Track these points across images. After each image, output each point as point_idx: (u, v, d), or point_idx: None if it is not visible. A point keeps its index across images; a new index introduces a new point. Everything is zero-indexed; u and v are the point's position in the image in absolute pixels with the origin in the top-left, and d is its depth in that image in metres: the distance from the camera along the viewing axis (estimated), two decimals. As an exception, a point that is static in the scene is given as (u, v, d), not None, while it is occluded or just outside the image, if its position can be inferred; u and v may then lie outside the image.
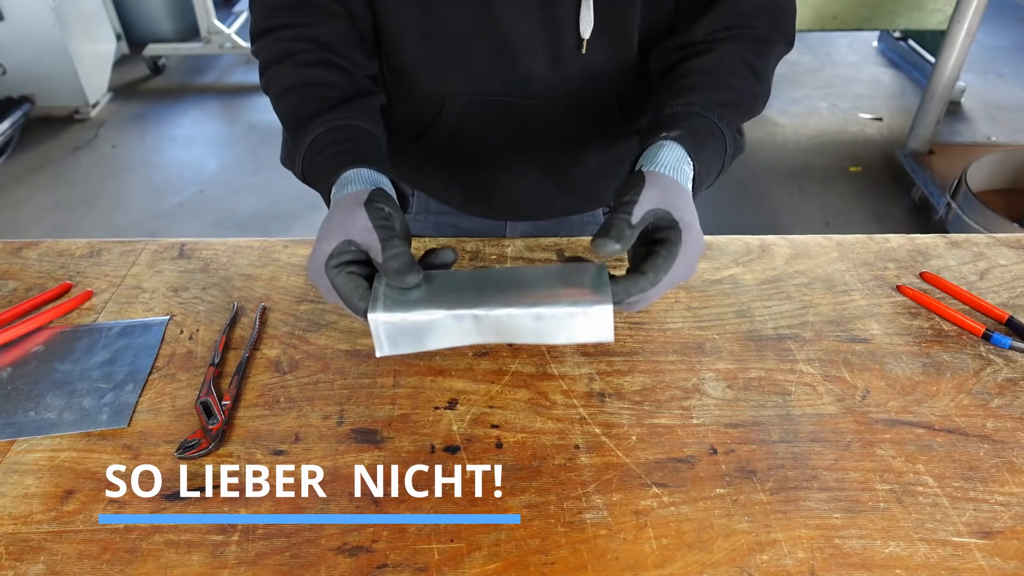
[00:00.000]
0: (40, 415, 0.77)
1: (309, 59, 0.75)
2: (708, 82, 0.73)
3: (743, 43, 0.78)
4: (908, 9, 3.60)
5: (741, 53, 0.77)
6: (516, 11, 0.76)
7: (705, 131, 0.69)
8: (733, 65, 0.76)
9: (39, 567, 0.63)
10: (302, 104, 0.74)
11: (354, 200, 0.65)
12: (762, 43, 0.78)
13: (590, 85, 0.85)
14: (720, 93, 0.73)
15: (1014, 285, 0.95)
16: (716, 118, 0.70)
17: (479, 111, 0.87)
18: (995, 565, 0.63)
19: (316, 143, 0.71)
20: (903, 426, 0.75)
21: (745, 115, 0.77)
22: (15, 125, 3.36)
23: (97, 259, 1.00)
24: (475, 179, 0.99)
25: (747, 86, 0.77)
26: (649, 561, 0.63)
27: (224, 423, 0.75)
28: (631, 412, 0.77)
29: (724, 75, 0.75)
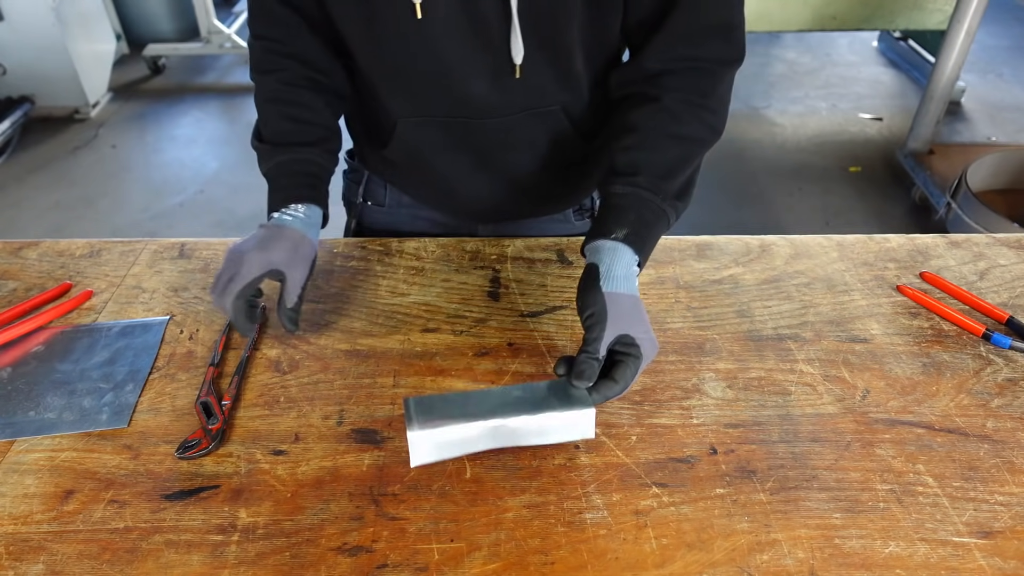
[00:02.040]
0: (40, 415, 0.77)
1: (292, 77, 0.88)
2: (653, 146, 0.79)
3: (692, 79, 0.80)
4: (908, 9, 3.60)
5: (688, 95, 0.80)
6: (452, 37, 0.79)
7: (652, 217, 0.77)
8: (681, 115, 0.79)
9: (39, 567, 0.63)
10: (282, 121, 0.88)
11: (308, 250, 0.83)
12: (711, 75, 0.80)
13: (534, 103, 0.87)
14: (665, 157, 0.79)
15: (1014, 285, 0.95)
16: (660, 200, 0.77)
17: (430, 130, 0.90)
18: (995, 565, 0.63)
19: (283, 166, 0.86)
20: (903, 426, 0.75)
21: (692, 164, 0.81)
22: (15, 125, 3.36)
23: (97, 259, 1.00)
24: (437, 188, 1.02)
25: (695, 131, 0.81)
26: (649, 561, 0.63)
27: (224, 423, 0.75)
28: (631, 412, 0.77)
29: (670, 131, 0.79)
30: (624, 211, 0.76)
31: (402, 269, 0.98)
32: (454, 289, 0.94)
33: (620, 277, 0.73)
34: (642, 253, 0.76)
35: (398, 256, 1.00)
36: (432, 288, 0.94)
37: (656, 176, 0.77)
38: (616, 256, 0.74)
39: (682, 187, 0.80)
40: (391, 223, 1.09)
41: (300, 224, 0.83)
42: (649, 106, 0.80)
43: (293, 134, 0.87)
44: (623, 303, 0.72)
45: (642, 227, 0.76)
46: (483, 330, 0.88)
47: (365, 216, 1.10)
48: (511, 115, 0.87)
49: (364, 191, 1.08)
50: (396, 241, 1.03)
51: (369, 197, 1.08)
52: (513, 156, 0.93)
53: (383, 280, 0.96)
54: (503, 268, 0.98)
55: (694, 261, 0.99)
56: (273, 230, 0.82)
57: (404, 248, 1.02)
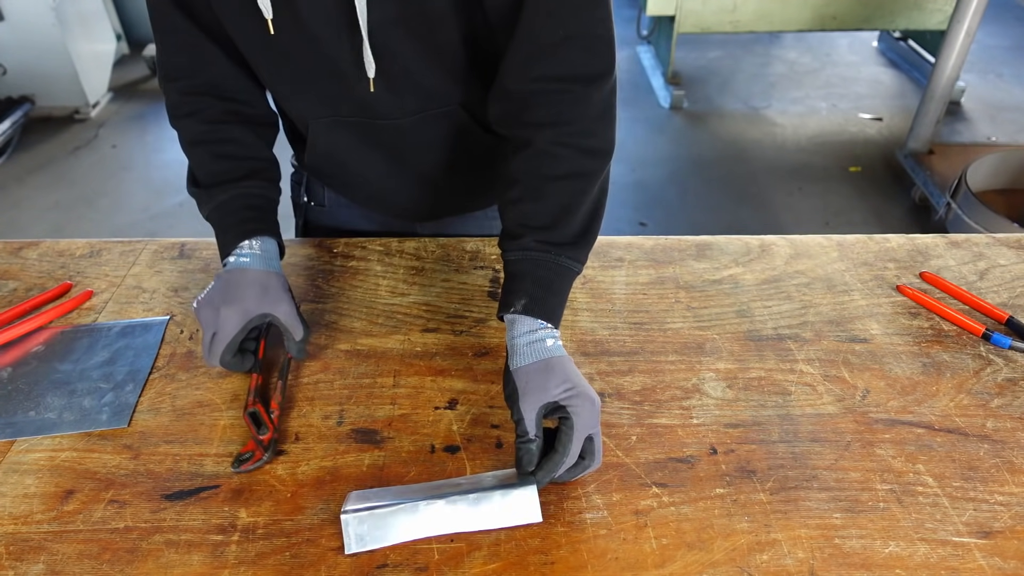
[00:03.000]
0: (40, 415, 0.77)
1: (212, 115, 0.85)
2: (535, 196, 0.75)
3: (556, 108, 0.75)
4: (908, 9, 3.60)
5: (558, 131, 0.75)
6: (335, 43, 0.77)
7: (549, 275, 0.74)
8: (556, 154, 0.75)
9: (39, 567, 0.63)
10: (213, 161, 0.85)
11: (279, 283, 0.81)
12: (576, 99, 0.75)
13: (431, 105, 0.85)
14: (549, 205, 0.75)
15: (1014, 285, 0.95)
16: (554, 256, 0.74)
17: (341, 131, 0.89)
18: (995, 565, 0.63)
19: (225, 205, 0.84)
20: (903, 426, 0.75)
21: (585, 200, 0.77)
22: (15, 125, 3.36)
23: (97, 259, 1.00)
24: (360, 188, 1.01)
25: (575, 166, 0.75)
26: (649, 561, 0.63)
27: (275, 431, 0.74)
28: (631, 412, 0.77)
29: (548, 174, 0.75)
30: (519, 278, 0.74)
31: (402, 269, 0.98)
32: (454, 289, 0.94)
33: (522, 348, 0.70)
34: (549, 315, 0.73)
35: (398, 256, 1.00)
36: (432, 288, 0.94)
37: (544, 229, 0.74)
38: (516, 328, 0.72)
39: (581, 228, 0.77)
40: (335, 222, 1.09)
41: (259, 262, 0.81)
42: (523, 152, 0.76)
43: (227, 172, 0.85)
44: (530, 374, 0.69)
45: (539, 290, 0.73)
46: (483, 330, 0.88)
47: (311, 216, 1.11)
48: (408, 117, 0.85)
49: (306, 192, 1.08)
50: (396, 241, 1.03)
51: (311, 197, 1.08)
52: (423, 155, 0.92)
53: (383, 280, 0.96)
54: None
55: (694, 261, 0.99)
56: (234, 276, 0.79)
57: (404, 248, 1.02)
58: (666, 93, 3.79)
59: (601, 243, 1.02)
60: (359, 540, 0.64)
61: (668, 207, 3.00)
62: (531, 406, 0.67)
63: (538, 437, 0.67)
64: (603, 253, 1.00)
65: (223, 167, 0.85)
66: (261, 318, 0.78)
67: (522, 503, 0.65)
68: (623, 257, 1.00)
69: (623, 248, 1.01)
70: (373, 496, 0.67)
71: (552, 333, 0.72)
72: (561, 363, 0.70)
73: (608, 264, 0.98)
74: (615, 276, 0.96)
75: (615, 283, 0.95)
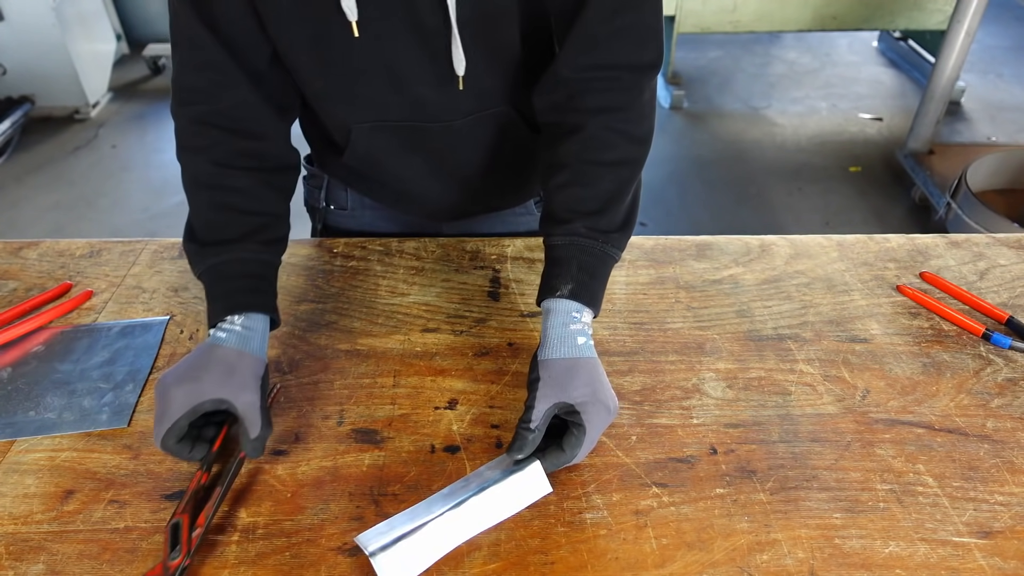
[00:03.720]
0: (40, 415, 0.77)
1: (223, 155, 0.78)
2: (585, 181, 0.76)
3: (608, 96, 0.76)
4: (908, 9, 3.60)
5: (609, 117, 0.76)
6: (399, 43, 0.77)
7: (595, 263, 0.75)
8: (607, 140, 0.76)
9: (39, 567, 0.63)
10: (213, 211, 0.78)
11: (250, 368, 0.71)
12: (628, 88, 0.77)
13: (485, 106, 0.86)
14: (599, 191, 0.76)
15: (1014, 285, 0.95)
16: (601, 243, 0.75)
17: (385, 135, 0.88)
18: (995, 565, 0.63)
19: (216, 270, 0.76)
20: (903, 426, 0.75)
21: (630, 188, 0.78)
22: (15, 125, 3.36)
23: (97, 259, 1.00)
24: (396, 190, 1.01)
25: (625, 153, 0.77)
26: (649, 561, 0.63)
27: (189, 556, 0.62)
28: (631, 412, 0.77)
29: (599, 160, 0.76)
30: (566, 263, 0.74)
31: (402, 269, 0.98)
32: (454, 289, 0.94)
33: (553, 340, 0.71)
34: (591, 302, 0.74)
35: (398, 256, 1.00)
36: (432, 288, 0.94)
37: (593, 215, 0.75)
38: (553, 318, 0.72)
39: (625, 215, 0.78)
40: (356, 225, 1.08)
41: (235, 340, 0.72)
42: (574, 137, 0.77)
43: (226, 227, 0.77)
44: (555, 370, 0.69)
45: (585, 275, 0.74)
46: (483, 330, 0.88)
47: (330, 220, 1.09)
48: (462, 118, 0.86)
49: (326, 196, 1.07)
50: (396, 241, 1.03)
51: (332, 201, 1.07)
52: (467, 156, 0.92)
53: (383, 280, 0.96)
54: (503, 268, 0.98)
55: (694, 261, 0.99)
56: (204, 353, 0.71)
57: (404, 248, 1.02)
58: (666, 93, 3.79)
59: (601, 243, 1.02)
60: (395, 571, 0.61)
61: (668, 207, 3.00)
62: (546, 400, 0.68)
63: (539, 430, 0.68)
64: (603, 253, 1.00)
65: (222, 220, 0.77)
66: (216, 403, 0.68)
67: (531, 481, 0.67)
68: (623, 257, 1.00)
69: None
70: (386, 527, 0.64)
71: (585, 330, 0.73)
72: (588, 365, 0.70)
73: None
74: (615, 276, 0.96)
75: (615, 283, 0.95)
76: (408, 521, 0.64)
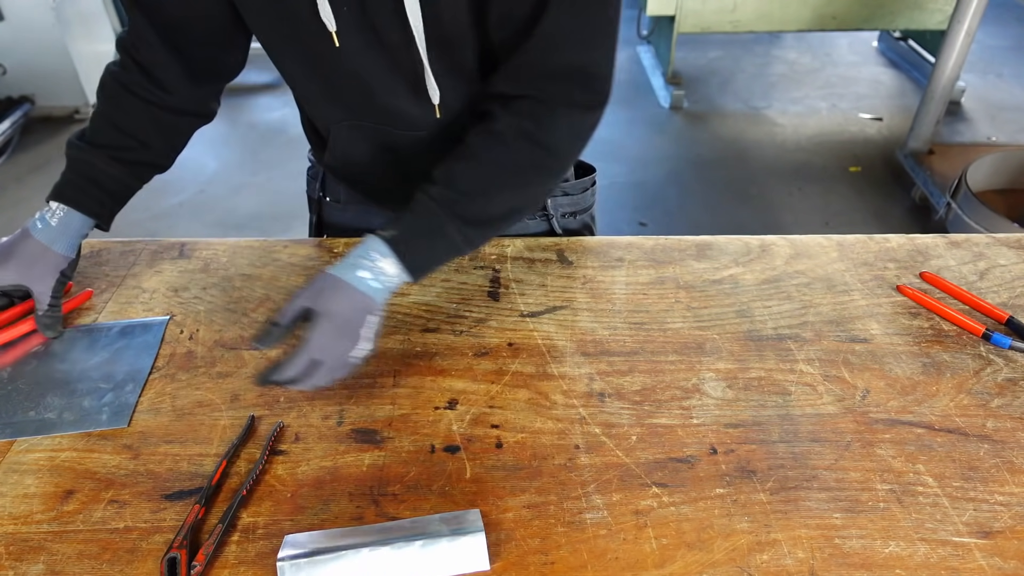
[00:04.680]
0: (40, 415, 0.77)
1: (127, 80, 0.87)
2: (469, 163, 0.77)
3: (531, 107, 0.76)
4: (908, 9, 3.60)
5: (522, 122, 0.76)
6: (369, 61, 0.79)
7: (427, 227, 0.76)
8: (508, 140, 0.76)
9: (39, 567, 0.63)
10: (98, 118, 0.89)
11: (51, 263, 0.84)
12: (553, 111, 0.76)
13: (456, 118, 0.86)
14: (473, 176, 0.77)
15: (1014, 285, 0.95)
16: (444, 213, 0.76)
17: (362, 137, 0.91)
18: (995, 565, 0.63)
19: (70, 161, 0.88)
20: (903, 426, 0.75)
21: (502, 194, 0.78)
22: (15, 125, 3.36)
23: (97, 259, 1.00)
24: (375, 187, 1.02)
25: (519, 160, 0.77)
26: (649, 561, 0.63)
27: None
28: (631, 412, 0.77)
29: (491, 153, 0.77)
30: (404, 214, 0.76)
31: (402, 269, 0.98)
32: (454, 289, 0.94)
33: (346, 262, 0.75)
34: (406, 258, 0.75)
35: (398, 256, 1.00)
36: (432, 288, 0.94)
37: (452, 190, 0.76)
38: (359, 247, 0.75)
39: (484, 215, 0.78)
40: (348, 219, 1.10)
41: (46, 235, 0.84)
42: (483, 125, 0.78)
43: (97, 133, 0.88)
44: (327, 283, 0.73)
45: (412, 232, 0.75)
46: (483, 330, 0.88)
47: (325, 212, 1.12)
48: (435, 128, 0.87)
49: (321, 187, 1.10)
50: (396, 241, 1.03)
51: (327, 193, 1.10)
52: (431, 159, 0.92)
53: (383, 280, 0.96)
54: (503, 268, 0.98)
55: (694, 261, 0.99)
56: (18, 240, 0.84)
57: (404, 248, 1.02)
58: (666, 93, 3.79)
59: (601, 243, 1.03)
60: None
61: (668, 207, 3.00)
62: (302, 301, 0.72)
63: (284, 331, 0.73)
64: (603, 253, 1.01)
65: (98, 127, 0.88)
66: (15, 287, 0.84)
67: (470, 550, 0.62)
68: (623, 257, 1.00)
69: (623, 248, 1.01)
70: (312, 541, 0.63)
71: (378, 275, 0.74)
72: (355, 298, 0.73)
73: (608, 264, 0.98)
74: (615, 276, 0.96)
75: (615, 283, 0.95)
76: (333, 541, 0.63)
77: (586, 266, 0.98)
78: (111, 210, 0.90)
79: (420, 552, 0.62)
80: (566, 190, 1.06)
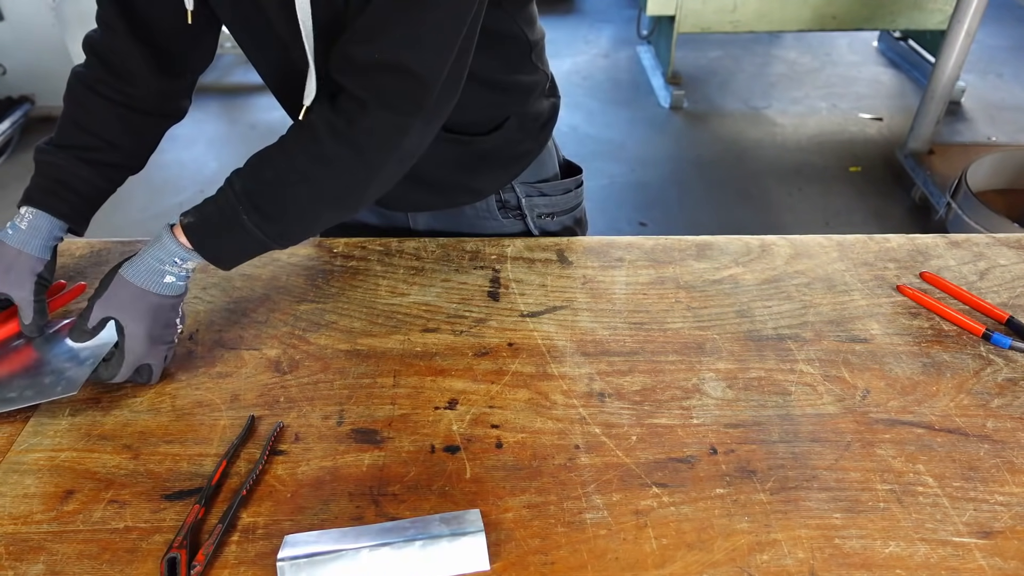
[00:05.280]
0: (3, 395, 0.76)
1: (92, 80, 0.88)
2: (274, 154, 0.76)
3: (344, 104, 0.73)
4: (908, 9, 3.60)
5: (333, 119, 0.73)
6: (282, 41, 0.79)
7: (225, 221, 0.75)
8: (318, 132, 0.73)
9: (39, 567, 0.63)
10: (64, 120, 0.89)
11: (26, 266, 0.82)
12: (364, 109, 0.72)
13: None
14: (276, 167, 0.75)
15: (1014, 285, 0.95)
16: (244, 209, 0.74)
17: None
18: (995, 565, 0.63)
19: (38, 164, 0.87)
20: (903, 426, 0.75)
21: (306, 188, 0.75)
22: (15, 125, 3.36)
23: (97, 258, 1.00)
24: None
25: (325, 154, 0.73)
26: (649, 561, 0.63)
27: None
28: (631, 412, 0.77)
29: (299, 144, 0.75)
30: (206, 201, 0.77)
31: (402, 269, 0.98)
32: (454, 289, 0.94)
33: (144, 261, 0.76)
34: (206, 251, 0.76)
35: (398, 256, 1.00)
36: (432, 288, 0.94)
37: (253, 179, 0.75)
38: (160, 246, 0.76)
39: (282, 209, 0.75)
40: None
41: (17, 239, 0.83)
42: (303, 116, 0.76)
43: (63, 135, 0.87)
44: (124, 290, 0.75)
45: (210, 222, 0.75)
46: (483, 330, 0.88)
47: None
48: None
49: None
50: (396, 241, 1.03)
51: None
52: None
53: (383, 280, 0.96)
54: (503, 268, 0.98)
55: (694, 261, 0.99)
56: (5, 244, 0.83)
57: (404, 248, 1.02)
58: (666, 93, 3.79)
59: (601, 243, 1.03)
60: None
61: (668, 207, 3.00)
62: (103, 310, 0.75)
63: (93, 332, 0.76)
64: (603, 253, 1.01)
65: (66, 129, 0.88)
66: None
67: (470, 550, 0.62)
68: (623, 257, 1.00)
69: (623, 248, 1.01)
70: (312, 541, 0.63)
71: (183, 270, 0.77)
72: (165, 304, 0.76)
73: (608, 264, 0.99)
74: (615, 276, 0.96)
75: (615, 283, 0.95)
76: (333, 541, 0.63)
77: (586, 266, 0.98)
78: (82, 213, 0.88)
79: (420, 552, 0.62)
80: (544, 190, 1.04)
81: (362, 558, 0.61)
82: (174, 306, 0.78)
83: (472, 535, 0.63)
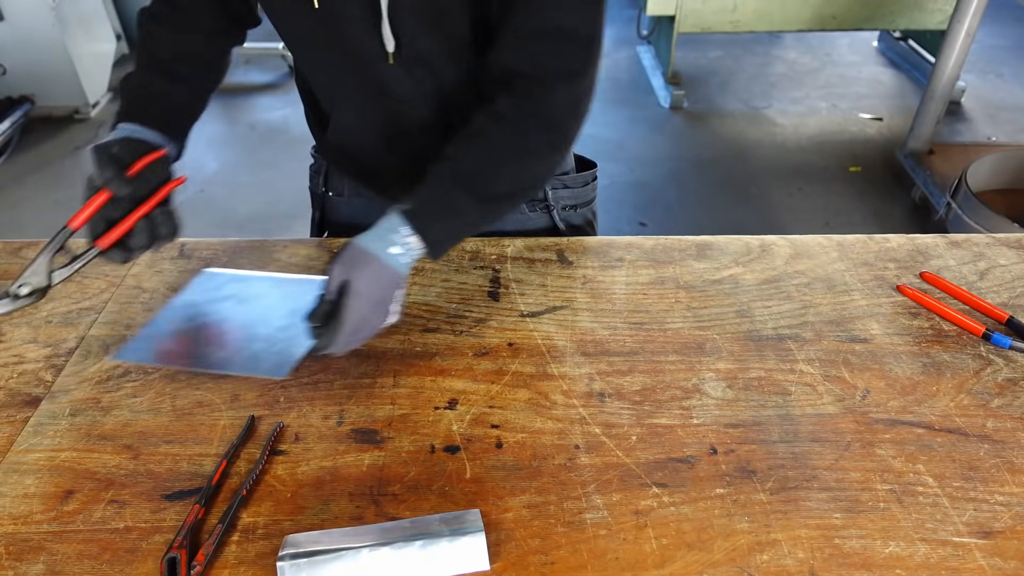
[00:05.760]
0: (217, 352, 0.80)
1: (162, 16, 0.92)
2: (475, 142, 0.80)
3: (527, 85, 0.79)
4: (908, 9, 3.60)
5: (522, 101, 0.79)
6: (355, 23, 0.81)
7: (442, 205, 0.78)
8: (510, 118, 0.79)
9: (39, 567, 0.63)
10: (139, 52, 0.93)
11: None
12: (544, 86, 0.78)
13: (446, 89, 0.88)
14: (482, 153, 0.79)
15: (1014, 285, 0.95)
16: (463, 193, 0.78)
17: (360, 110, 0.93)
18: (995, 565, 0.63)
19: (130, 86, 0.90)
20: (903, 426, 0.75)
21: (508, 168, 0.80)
22: (15, 125, 3.36)
23: (97, 259, 1.00)
24: (382, 173, 1.02)
25: (524, 134, 0.80)
26: (649, 561, 0.63)
27: None
28: (631, 412, 0.77)
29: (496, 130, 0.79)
30: (420, 189, 0.78)
31: (402, 269, 0.98)
32: (454, 289, 0.94)
33: (376, 234, 0.76)
34: (425, 233, 0.76)
35: (398, 256, 1.00)
36: (432, 288, 0.94)
37: (463, 165, 0.78)
38: (386, 220, 0.76)
39: (494, 191, 0.80)
40: (352, 214, 1.11)
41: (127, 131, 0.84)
42: (486, 106, 0.80)
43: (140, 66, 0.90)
44: (355, 255, 0.74)
45: (428, 206, 0.77)
46: (483, 330, 0.88)
47: (328, 207, 1.13)
48: (428, 100, 0.89)
49: (325, 181, 1.11)
50: (396, 241, 1.03)
51: (330, 188, 1.11)
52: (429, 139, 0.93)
53: (383, 280, 0.96)
54: (503, 268, 0.98)
55: (694, 261, 0.99)
56: None
57: (404, 248, 1.01)
58: (666, 93, 3.79)
59: (601, 243, 1.03)
60: None
61: (668, 207, 3.00)
62: (339, 276, 0.73)
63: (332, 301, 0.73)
64: (603, 253, 1.01)
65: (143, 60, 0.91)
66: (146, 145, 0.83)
67: (470, 550, 0.62)
68: (623, 257, 1.00)
69: (623, 248, 1.01)
70: (312, 541, 0.63)
71: (406, 249, 0.76)
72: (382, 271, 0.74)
73: (608, 264, 0.98)
74: (615, 276, 0.96)
75: (615, 283, 0.95)
76: (333, 541, 0.63)
77: (586, 266, 0.98)
78: (180, 124, 0.91)
79: (420, 552, 0.62)
80: (566, 183, 1.06)
81: (362, 558, 0.61)
82: (393, 281, 0.76)
83: (472, 535, 0.63)
